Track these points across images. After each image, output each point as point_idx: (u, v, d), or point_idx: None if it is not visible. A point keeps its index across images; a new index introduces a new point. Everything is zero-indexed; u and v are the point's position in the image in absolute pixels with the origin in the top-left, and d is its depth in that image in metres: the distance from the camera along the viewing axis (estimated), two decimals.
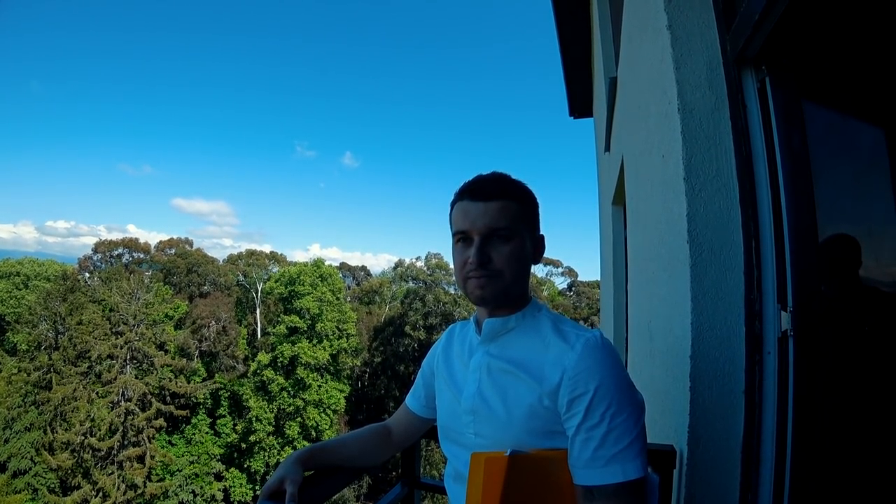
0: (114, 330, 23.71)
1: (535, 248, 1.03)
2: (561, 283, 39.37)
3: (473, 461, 0.90)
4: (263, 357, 26.49)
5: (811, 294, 1.17)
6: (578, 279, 38.65)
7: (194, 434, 25.30)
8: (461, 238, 1.00)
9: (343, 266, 42.30)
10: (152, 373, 23.79)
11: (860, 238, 1.21)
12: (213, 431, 26.07)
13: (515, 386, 0.94)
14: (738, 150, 1.29)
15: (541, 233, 1.06)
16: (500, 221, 0.96)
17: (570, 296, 37.75)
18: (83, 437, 21.40)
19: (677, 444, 1.33)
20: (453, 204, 1.03)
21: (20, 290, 31.64)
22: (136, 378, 23.19)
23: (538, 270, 37.28)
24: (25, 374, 22.60)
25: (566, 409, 0.88)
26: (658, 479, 0.93)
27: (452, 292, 31.39)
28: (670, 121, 1.43)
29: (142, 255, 33.18)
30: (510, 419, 0.93)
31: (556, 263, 38.17)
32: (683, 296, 1.31)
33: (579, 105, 7.27)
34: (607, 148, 4.38)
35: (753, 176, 1.27)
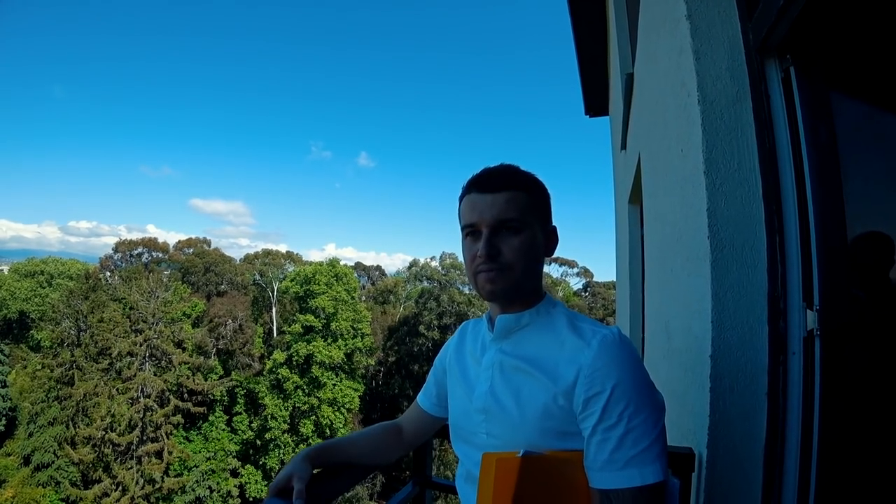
0: (133, 328, 24.14)
1: (547, 241, 1.00)
2: (576, 283, 39.05)
3: (485, 462, 0.87)
4: (279, 355, 26.74)
5: (839, 292, 1.12)
6: (594, 280, 38.28)
7: (211, 431, 25.64)
8: (470, 232, 0.97)
9: (358, 265, 42.54)
10: (170, 370, 24.15)
11: (892, 234, 1.16)
12: (229, 428, 26.39)
13: (529, 384, 0.91)
14: (761, 142, 1.24)
15: (553, 225, 1.03)
16: (508, 213, 0.93)
17: (586, 297, 37.40)
18: (104, 433, 21.84)
19: (696, 446, 1.29)
20: (461, 198, 1.01)
21: (44, 288, 32.54)
22: (155, 375, 23.58)
23: (553, 271, 37.05)
24: (49, 371, 23.15)
25: (582, 409, 0.85)
26: (679, 484, 0.90)
27: (467, 292, 31.36)
28: (690, 114, 1.39)
29: (161, 255, 33.77)
30: (523, 419, 0.90)
31: (571, 264, 37.86)
32: (704, 294, 1.27)
33: (595, 103, 7.19)
34: (623, 146, 4.32)
35: (777, 169, 1.22)
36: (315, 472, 1.07)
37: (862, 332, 1.11)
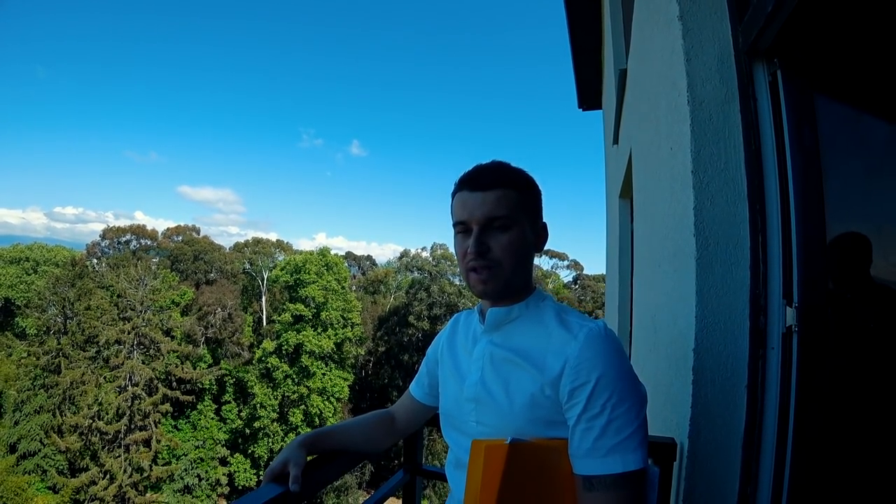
0: (121, 315, 23.93)
1: (536, 237, 1.02)
2: (566, 276, 39.29)
3: (474, 448, 0.91)
4: (268, 344, 26.69)
5: (817, 290, 1.16)
6: (584, 272, 38.54)
7: (200, 419, 25.60)
8: (461, 229, 1.00)
9: (349, 255, 42.45)
10: (159, 358, 24.01)
11: (869, 235, 1.20)
12: (218, 417, 26.37)
13: (518, 375, 0.95)
14: (748, 143, 1.28)
15: (543, 221, 1.05)
16: (497, 210, 0.95)
17: (576, 289, 37.67)
18: (91, 421, 21.71)
19: (678, 436, 1.34)
20: (453, 195, 1.03)
21: (29, 275, 32.05)
22: (143, 363, 23.42)
23: (543, 263, 37.24)
24: (35, 358, 22.91)
25: (567, 399, 0.88)
26: (658, 472, 0.94)
27: (457, 283, 31.45)
28: (680, 113, 1.42)
29: (149, 242, 33.47)
30: (512, 408, 0.93)
31: (561, 256, 38.07)
32: (689, 289, 1.31)
33: (588, 97, 7.21)
34: (615, 140, 4.35)
35: (762, 170, 1.26)
36: (309, 458, 1.10)
37: (838, 328, 1.16)
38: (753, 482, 1.19)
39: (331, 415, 26.43)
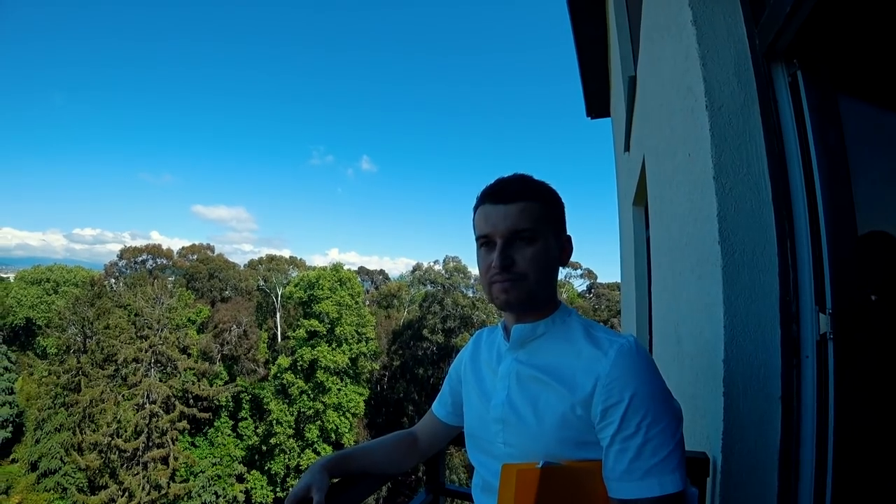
0: (139, 334, 24.21)
1: (561, 250, 1.00)
2: (580, 285, 38.94)
3: (504, 473, 0.88)
4: (283, 361, 26.75)
5: (852, 295, 1.12)
6: (598, 281, 38.20)
7: (217, 436, 25.66)
8: (484, 242, 0.98)
9: (361, 270, 42.63)
10: (176, 376, 24.21)
11: None
12: (234, 434, 26.40)
13: (546, 394, 0.92)
14: (770, 147, 1.24)
15: (568, 234, 1.03)
16: (522, 223, 0.93)
17: (590, 298, 37.31)
18: (110, 439, 21.89)
19: (710, 451, 1.29)
20: (475, 209, 1.01)
21: (50, 295, 32.68)
22: (161, 381, 23.63)
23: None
24: (55, 377, 23.22)
25: (600, 419, 0.85)
26: (696, 493, 0.90)
27: (471, 296, 31.35)
28: (697, 119, 1.40)
29: (165, 261, 33.92)
30: (541, 428, 0.90)
31: (575, 265, 37.74)
32: (715, 298, 1.27)
33: (597, 105, 7.19)
34: (627, 148, 4.32)
35: (787, 174, 1.22)
36: (332, 481, 1.08)
37: (875, 334, 1.11)
38: (792, 499, 1.14)
39: (347, 430, 26.33)
